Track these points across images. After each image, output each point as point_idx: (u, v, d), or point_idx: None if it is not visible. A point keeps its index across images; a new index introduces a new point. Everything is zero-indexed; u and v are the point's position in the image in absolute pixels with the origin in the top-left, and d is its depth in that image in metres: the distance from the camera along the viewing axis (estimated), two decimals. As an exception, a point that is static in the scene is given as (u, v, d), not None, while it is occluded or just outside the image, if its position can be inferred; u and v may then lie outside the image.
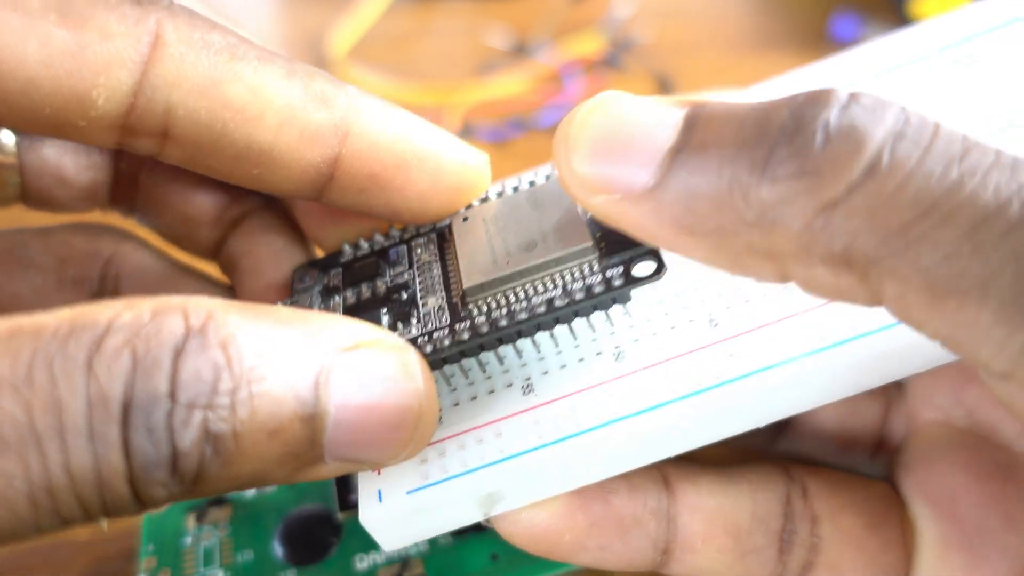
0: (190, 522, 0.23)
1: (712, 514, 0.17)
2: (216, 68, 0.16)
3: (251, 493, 0.23)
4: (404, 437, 0.14)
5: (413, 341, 0.16)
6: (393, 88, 0.42)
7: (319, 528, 0.22)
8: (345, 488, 0.22)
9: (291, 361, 0.13)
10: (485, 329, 0.16)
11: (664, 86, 0.42)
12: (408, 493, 0.16)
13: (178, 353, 0.12)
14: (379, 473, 0.17)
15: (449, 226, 0.18)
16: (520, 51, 0.45)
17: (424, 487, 0.16)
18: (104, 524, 0.13)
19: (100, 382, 0.12)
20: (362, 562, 0.22)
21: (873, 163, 0.12)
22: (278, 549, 0.22)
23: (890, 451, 0.20)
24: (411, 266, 0.18)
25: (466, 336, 0.16)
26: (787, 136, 0.12)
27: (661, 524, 0.17)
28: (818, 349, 0.15)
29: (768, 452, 0.21)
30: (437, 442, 0.17)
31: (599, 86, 0.43)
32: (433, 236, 0.18)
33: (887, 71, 0.20)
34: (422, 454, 0.16)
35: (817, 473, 0.18)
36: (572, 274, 0.16)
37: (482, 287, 0.16)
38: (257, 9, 0.52)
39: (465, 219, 0.18)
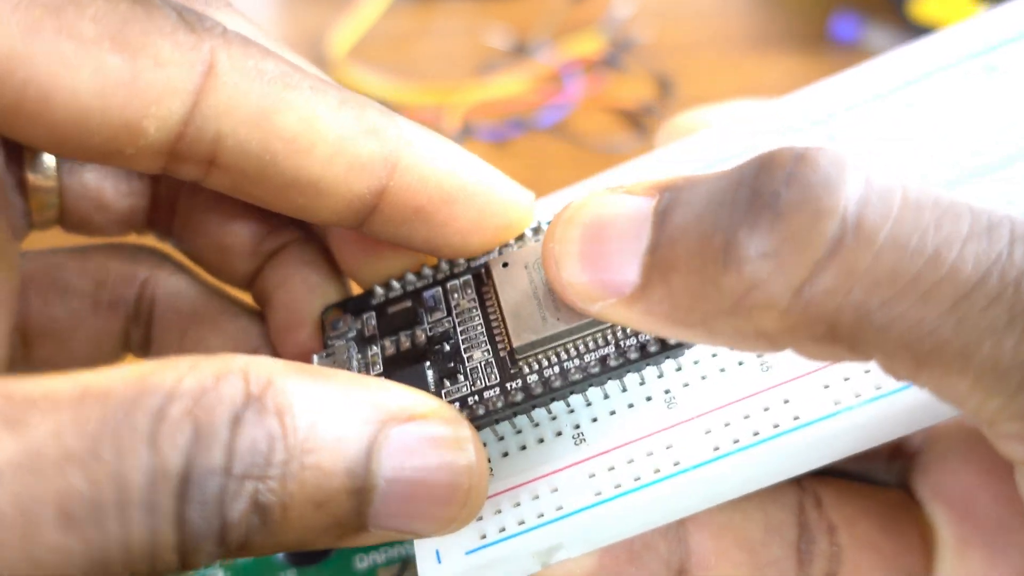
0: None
1: (722, 529, 0.17)
2: (269, 98, 0.16)
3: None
4: (452, 513, 0.15)
5: (463, 400, 0.16)
6: (393, 88, 0.42)
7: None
8: None
9: (345, 432, 0.13)
10: (539, 391, 0.16)
11: (664, 86, 0.42)
12: (467, 554, 0.16)
13: (236, 422, 0.12)
14: None
15: (487, 269, 0.18)
16: (520, 51, 0.45)
17: (483, 547, 0.16)
18: None
19: (162, 455, 0.12)
20: (362, 562, 0.22)
21: (838, 235, 0.12)
22: (278, 549, 0.22)
23: (906, 457, 0.19)
24: (449, 313, 0.18)
25: (520, 398, 0.16)
26: (740, 218, 0.12)
27: (672, 545, 0.17)
28: (872, 398, 0.16)
29: None
30: (491, 496, 0.16)
31: (599, 86, 0.43)
32: (470, 279, 0.18)
33: (905, 84, 0.20)
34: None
35: (828, 482, 0.18)
36: (624, 330, 0.16)
37: (532, 345, 0.16)
38: (257, 9, 0.52)
39: (505, 264, 0.17)
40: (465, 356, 0.17)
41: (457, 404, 0.16)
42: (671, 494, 0.16)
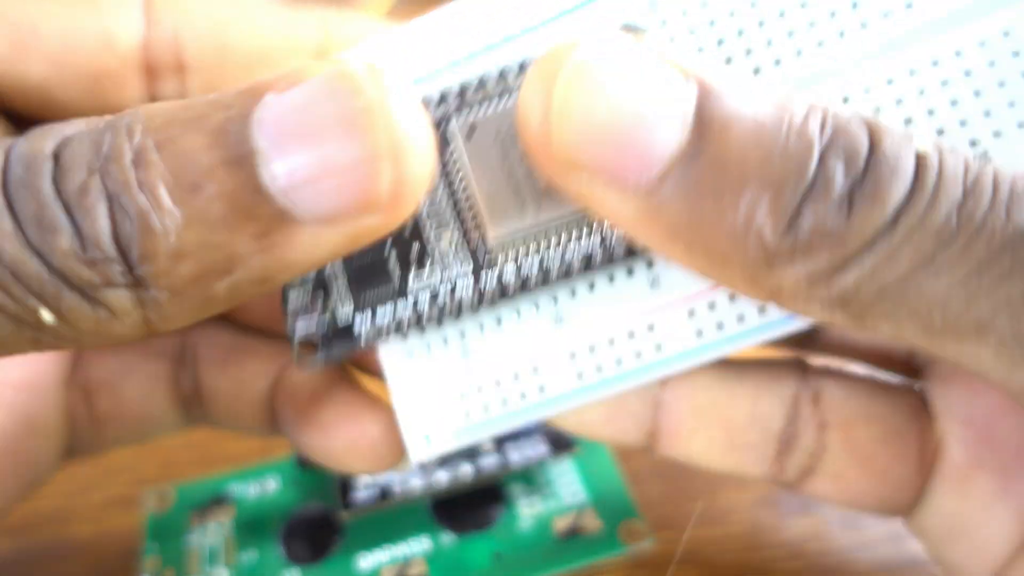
0: (194, 521, 0.23)
1: (703, 408, 0.17)
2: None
3: (254, 493, 0.23)
4: (372, 144, 0.12)
5: (433, 295, 0.15)
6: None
7: (322, 527, 0.22)
8: (347, 488, 0.22)
9: (207, 110, 0.12)
10: (514, 287, 0.15)
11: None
12: (454, 435, 0.16)
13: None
14: (418, 411, 0.17)
15: (447, 129, 0.15)
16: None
17: (468, 428, 0.16)
18: (46, 315, 0.12)
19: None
20: (365, 561, 0.22)
21: (886, 224, 0.12)
22: (282, 548, 0.22)
23: (925, 360, 0.19)
24: None
25: (495, 292, 0.15)
26: (816, 193, 0.12)
27: (646, 407, 0.17)
28: None
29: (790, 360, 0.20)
30: (471, 375, 0.16)
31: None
32: None
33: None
34: (459, 387, 0.16)
35: (837, 378, 0.18)
36: None
37: (510, 235, 0.15)
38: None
39: (473, 128, 0.15)
40: (431, 235, 0.15)
41: (427, 297, 0.15)
42: (657, 374, 0.16)
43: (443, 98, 0.15)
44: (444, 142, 0.15)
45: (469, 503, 0.22)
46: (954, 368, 0.17)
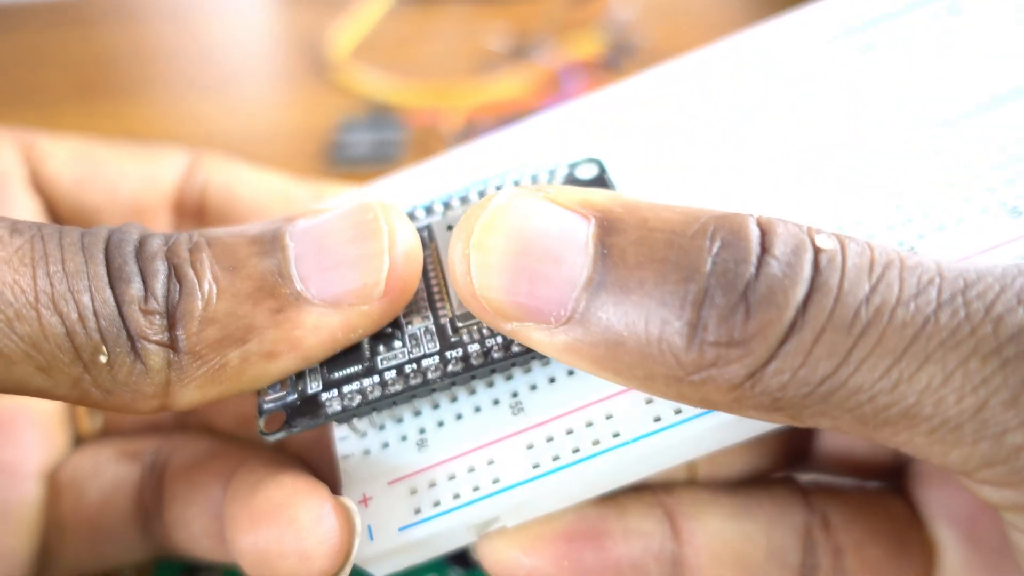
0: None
1: (722, 554, 0.17)
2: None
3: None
4: (374, 248, 0.15)
5: (400, 368, 0.15)
6: (393, 89, 0.43)
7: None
8: None
9: (246, 230, 0.15)
10: (478, 362, 0.15)
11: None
12: (400, 530, 0.16)
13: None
14: (366, 505, 0.16)
15: (430, 231, 0.17)
16: (520, 53, 0.45)
17: (416, 524, 0.16)
18: (103, 357, 0.14)
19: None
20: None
21: (792, 323, 0.12)
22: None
23: (906, 462, 0.19)
24: None
25: (459, 368, 0.15)
26: (712, 301, 0.12)
27: (665, 567, 0.17)
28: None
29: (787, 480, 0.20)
30: (425, 469, 0.16)
31: (599, 88, 0.43)
32: None
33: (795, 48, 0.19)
34: (410, 484, 0.16)
35: (839, 499, 0.18)
36: None
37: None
38: (257, 9, 0.52)
39: (449, 228, 0.17)
40: (404, 321, 0.16)
41: (394, 371, 0.16)
42: (610, 466, 0.15)
43: (430, 210, 0.18)
44: (429, 239, 0.17)
45: None
46: (933, 469, 0.17)
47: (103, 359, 0.14)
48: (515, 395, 0.16)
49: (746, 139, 0.17)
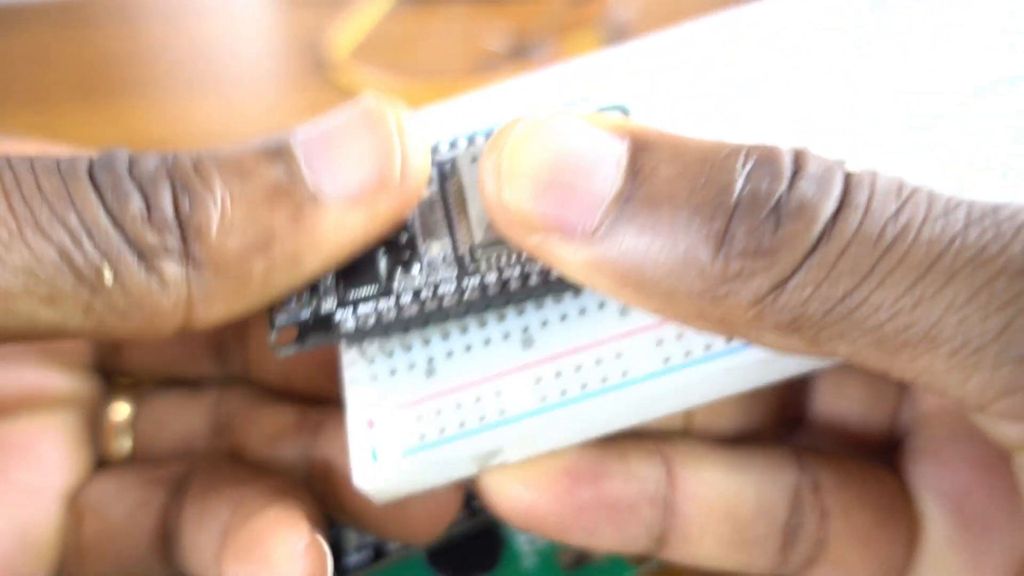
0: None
1: (714, 504, 0.17)
2: None
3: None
4: (383, 137, 0.15)
5: (416, 293, 0.16)
6: (393, 89, 0.43)
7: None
8: (338, 554, 0.21)
9: (249, 144, 0.15)
10: (495, 291, 0.15)
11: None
12: (404, 455, 0.16)
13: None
14: (371, 425, 0.16)
15: (454, 164, 0.17)
16: (519, 53, 0.45)
17: (421, 448, 0.16)
18: (107, 274, 0.14)
19: None
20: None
21: (819, 237, 0.12)
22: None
23: (897, 436, 0.19)
24: None
25: (475, 297, 0.15)
26: (743, 211, 0.12)
27: (657, 511, 0.17)
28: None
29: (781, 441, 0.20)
30: (432, 397, 0.16)
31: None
32: (434, 173, 0.17)
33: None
34: (417, 411, 0.16)
35: (830, 464, 0.18)
36: None
37: (495, 241, 0.15)
38: (257, 9, 0.52)
39: (474, 160, 0.16)
40: (423, 247, 0.16)
41: (410, 295, 0.16)
42: (617, 404, 0.15)
43: (454, 144, 0.17)
44: (452, 172, 0.17)
45: (466, 548, 0.22)
46: (927, 444, 0.17)
47: (109, 277, 0.13)
48: (526, 330, 0.16)
49: (740, 112, 0.17)
